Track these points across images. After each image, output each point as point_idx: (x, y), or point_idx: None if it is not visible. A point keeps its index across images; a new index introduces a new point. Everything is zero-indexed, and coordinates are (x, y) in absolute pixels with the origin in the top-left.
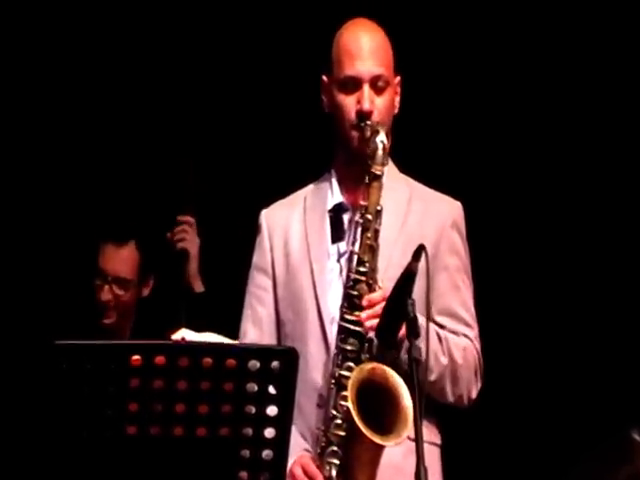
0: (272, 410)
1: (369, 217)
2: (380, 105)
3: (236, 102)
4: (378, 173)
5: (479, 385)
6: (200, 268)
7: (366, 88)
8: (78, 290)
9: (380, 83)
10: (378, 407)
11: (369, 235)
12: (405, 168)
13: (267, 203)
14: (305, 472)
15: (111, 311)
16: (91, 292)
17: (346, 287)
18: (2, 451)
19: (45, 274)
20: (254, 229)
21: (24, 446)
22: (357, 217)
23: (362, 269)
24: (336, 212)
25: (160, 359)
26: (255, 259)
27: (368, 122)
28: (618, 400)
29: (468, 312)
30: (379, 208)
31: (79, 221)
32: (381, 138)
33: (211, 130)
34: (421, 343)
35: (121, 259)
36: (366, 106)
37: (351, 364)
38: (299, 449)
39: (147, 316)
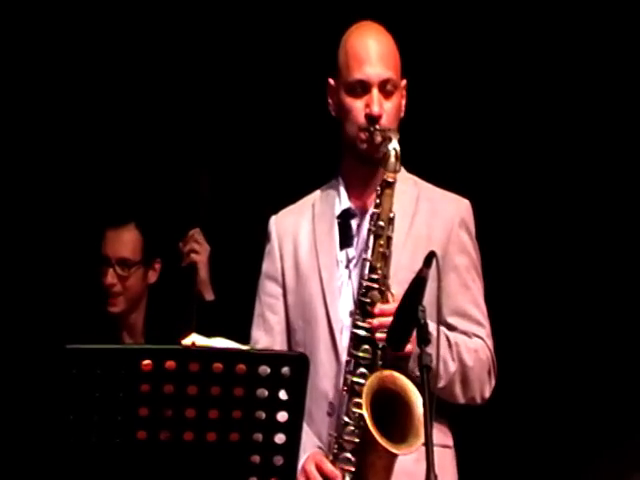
0: (282, 416)
1: (382, 224)
2: (388, 109)
3: (243, 109)
4: (390, 180)
5: (493, 383)
6: (210, 276)
7: (375, 92)
8: (86, 287)
9: (389, 87)
10: (392, 415)
11: (382, 242)
12: (413, 168)
13: (276, 209)
14: (321, 471)
15: (117, 297)
16: (99, 285)
17: (358, 294)
18: (12, 455)
19: (51, 270)
20: (263, 236)
21: (34, 450)
22: (370, 224)
23: (374, 276)
24: (344, 218)
25: (170, 364)
26: (265, 267)
27: (377, 127)
28: (632, 400)
29: (479, 311)
30: (392, 215)
31: (83, 218)
32: (394, 145)
33: (222, 137)
34: (431, 350)
35: (121, 241)
36: (375, 110)
37: (364, 371)
38: (311, 445)
39: (158, 325)
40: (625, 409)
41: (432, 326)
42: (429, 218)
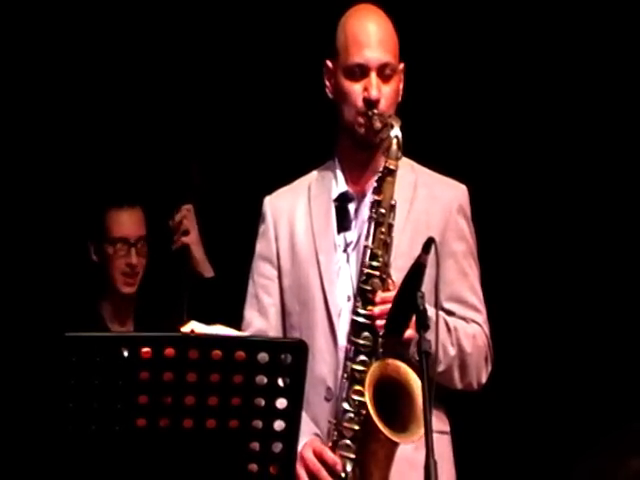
0: (281, 403)
1: (383, 212)
2: (387, 93)
3: (236, 91)
4: (392, 168)
5: (489, 369)
6: (206, 253)
7: (373, 76)
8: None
9: (387, 71)
10: (394, 404)
11: (383, 230)
12: (410, 152)
13: (270, 189)
14: (320, 457)
15: (136, 276)
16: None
17: (359, 282)
18: (11, 444)
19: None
20: (257, 218)
21: (34, 439)
22: (371, 212)
23: (375, 264)
24: (341, 201)
25: (170, 351)
26: (259, 248)
27: (376, 111)
28: (627, 388)
29: (477, 297)
30: (393, 203)
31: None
32: (396, 132)
33: (214, 118)
34: (430, 335)
35: (133, 220)
36: (374, 94)
37: (364, 358)
38: (308, 432)
39: (150, 306)
40: (621, 395)
41: (431, 311)
42: (427, 204)
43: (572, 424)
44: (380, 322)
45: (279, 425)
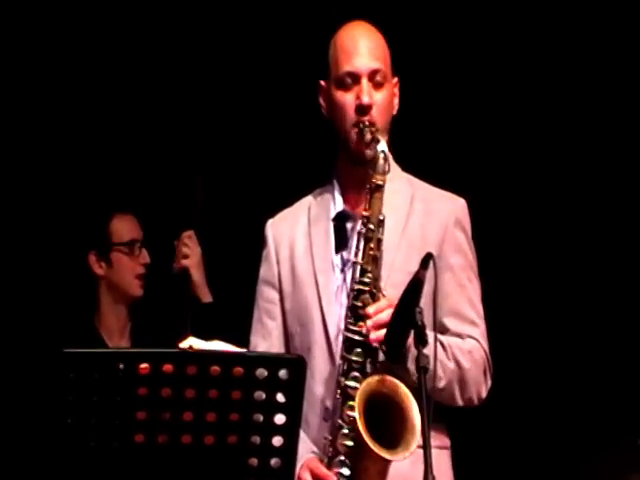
0: (280, 418)
1: (371, 227)
2: (379, 100)
3: (239, 111)
4: (380, 183)
5: (489, 383)
6: (207, 279)
7: (364, 82)
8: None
9: (378, 78)
10: (386, 419)
11: (372, 245)
12: (409, 167)
13: (272, 210)
14: (316, 475)
15: (144, 279)
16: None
17: (350, 298)
18: (10, 459)
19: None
20: (259, 238)
21: (33, 455)
22: (360, 227)
23: (365, 279)
24: (339, 220)
25: (168, 367)
26: (262, 272)
27: (367, 122)
28: (627, 402)
29: (474, 310)
30: (381, 217)
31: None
32: (382, 147)
33: (217, 139)
34: (428, 352)
35: (137, 224)
36: (365, 99)
37: (357, 374)
38: (306, 452)
39: (152, 327)
40: (622, 409)
41: (429, 332)
42: (423, 218)
43: (573, 439)
44: (375, 335)
45: (277, 441)
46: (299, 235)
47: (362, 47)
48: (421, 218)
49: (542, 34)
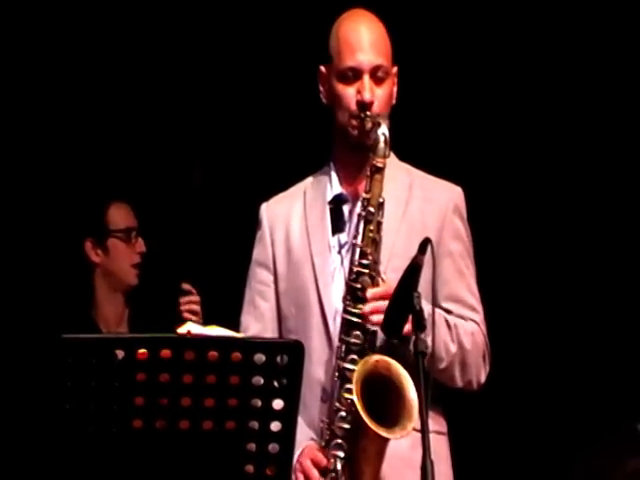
0: (278, 403)
1: (371, 210)
2: (380, 96)
3: (236, 98)
4: (380, 165)
5: (487, 369)
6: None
7: (366, 78)
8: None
9: (380, 74)
10: (383, 399)
11: (372, 228)
12: (406, 156)
13: (268, 196)
14: (314, 462)
15: (140, 268)
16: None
17: (349, 280)
18: (8, 446)
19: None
20: (254, 223)
21: (30, 441)
22: (360, 209)
23: (365, 262)
24: (336, 203)
25: (166, 353)
26: (256, 254)
27: (368, 113)
28: (625, 388)
29: (474, 297)
30: (381, 200)
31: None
32: (383, 130)
33: (214, 127)
34: (427, 336)
35: (131, 212)
36: (367, 96)
37: (355, 357)
38: (305, 439)
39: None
40: (619, 395)
41: (429, 308)
42: (422, 205)
43: (570, 424)
44: (375, 318)
45: (276, 426)
46: (295, 217)
47: (365, 41)
48: (420, 204)
49: (538, 24)
